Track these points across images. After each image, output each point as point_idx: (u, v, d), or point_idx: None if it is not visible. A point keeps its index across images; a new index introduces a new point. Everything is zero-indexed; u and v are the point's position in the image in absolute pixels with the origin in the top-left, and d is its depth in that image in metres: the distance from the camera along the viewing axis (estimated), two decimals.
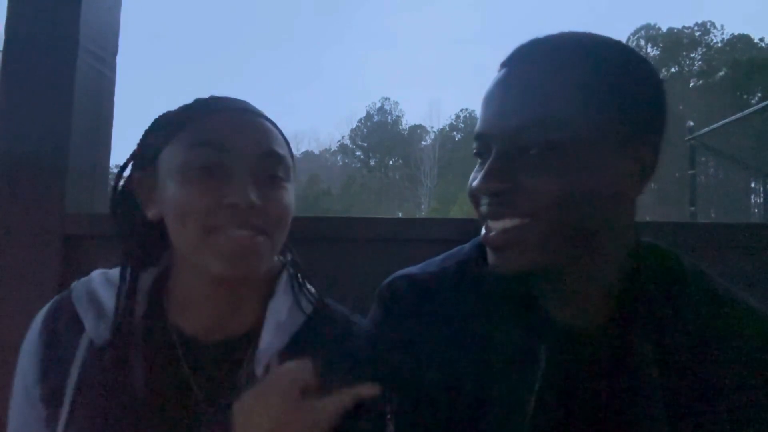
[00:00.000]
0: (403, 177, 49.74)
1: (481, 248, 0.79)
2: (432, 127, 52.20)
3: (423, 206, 44.43)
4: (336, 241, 1.16)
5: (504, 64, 0.68)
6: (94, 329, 0.72)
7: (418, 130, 52.97)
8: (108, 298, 0.74)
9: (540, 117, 0.60)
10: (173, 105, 0.76)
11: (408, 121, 55.01)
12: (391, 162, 52.31)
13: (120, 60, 1.33)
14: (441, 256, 0.82)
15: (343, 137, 55.18)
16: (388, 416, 0.73)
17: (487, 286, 0.74)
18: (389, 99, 54.84)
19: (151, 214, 0.74)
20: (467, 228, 1.10)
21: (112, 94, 1.33)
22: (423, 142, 51.22)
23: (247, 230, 0.68)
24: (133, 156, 0.76)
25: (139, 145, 0.76)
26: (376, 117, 54.18)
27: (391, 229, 1.15)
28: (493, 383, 0.68)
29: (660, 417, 0.63)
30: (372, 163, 52.82)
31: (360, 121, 54.66)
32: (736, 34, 39.89)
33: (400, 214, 40.15)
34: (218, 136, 0.70)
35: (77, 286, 0.77)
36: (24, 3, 1.20)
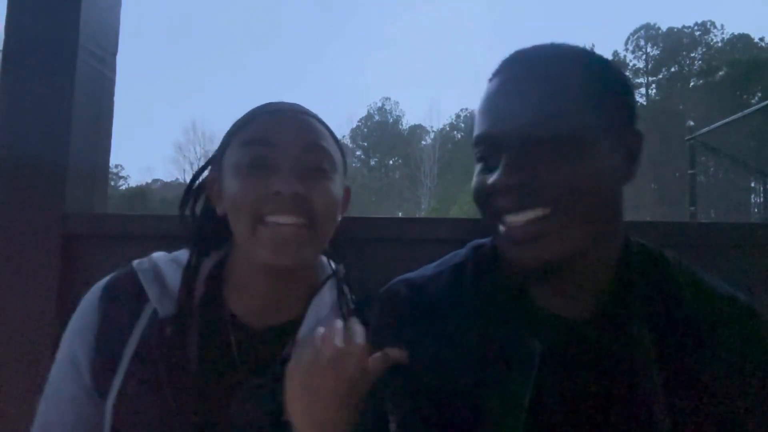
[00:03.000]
0: (403, 177, 49.74)
1: (477, 251, 0.80)
2: (432, 127, 52.23)
3: (423, 206, 44.42)
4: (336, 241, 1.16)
5: (498, 73, 0.71)
6: (159, 302, 0.77)
7: (418, 130, 52.97)
8: (172, 276, 0.80)
9: (550, 113, 0.64)
10: (173, 105, 0.78)
11: (408, 120, 55.12)
12: (391, 162, 52.33)
13: (120, 60, 1.33)
14: (436, 262, 0.84)
15: (343, 137, 55.13)
16: (390, 417, 0.74)
17: (481, 286, 0.75)
18: (389, 99, 54.92)
19: (219, 210, 0.82)
20: (467, 228, 1.10)
21: (112, 94, 1.33)
22: (423, 142, 51.21)
23: (292, 217, 0.73)
24: (210, 161, 0.85)
25: (215, 153, 0.85)
26: (376, 117, 54.21)
27: (391, 229, 1.15)
28: (489, 380, 0.69)
29: (659, 407, 0.65)
30: (372, 163, 52.83)
31: (360, 120, 54.72)
32: (736, 34, 39.92)
33: (400, 214, 40.16)
34: (265, 134, 0.77)
35: (142, 262, 0.82)
36: (24, 3, 1.20)
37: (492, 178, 0.65)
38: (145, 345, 0.76)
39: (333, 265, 0.91)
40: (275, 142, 0.76)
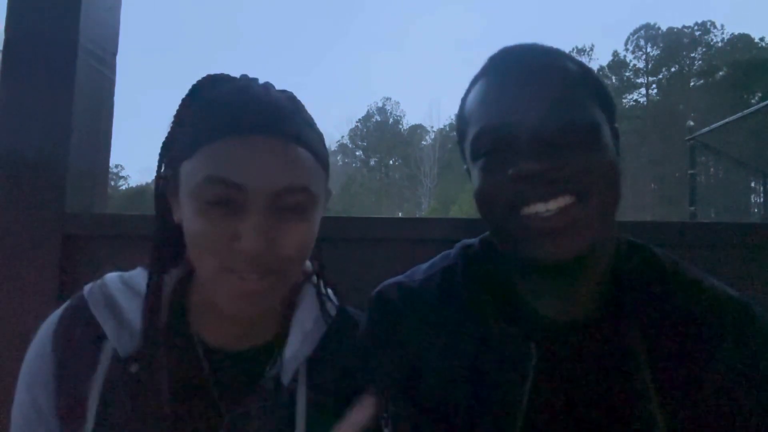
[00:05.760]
0: (403, 177, 49.73)
1: (466, 251, 0.79)
2: (432, 127, 52.18)
3: (423, 206, 44.40)
4: (336, 241, 1.16)
5: (492, 69, 0.71)
6: (118, 339, 0.69)
7: (418, 130, 52.93)
8: (128, 306, 0.71)
9: (569, 102, 0.65)
10: (173, 105, 0.74)
11: (408, 121, 55.10)
12: (391, 162, 52.31)
13: (120, 60, 1.33)
14: (426, 264, 0.83)
15: (342, 137, 55.19)
16: (385, 422, 0.74)
17: (474, 289, 0.75)
18: (390, 99, 54.95)
19: (176, 217, 0.71)
20: (467, 228, 1.10)
21: (112, 94, 1.33)
22: (423, 142, 51.16)
23: (257, 274, 0.64)
24: (164, 148, 0.71)
25: (168, 138, 0.71)
26: (376, 117, 54.19)
27: (391, 229, 1.15)
28: (485, 383, 0.69)
29: (653, 406, 0.64)
30: (372, 163, 52.81)
31: (359, 121, 54.69)
32: (736, 34, 39.83)
33: (400, 214, 40.13)
34: (233, 171, 0.63)
35: (93, 291, 0.73)
36: (24, 3, 1.21)
37: (516, 166, 0.62)
38: (111, 387, 0.68)
39: (310, 265, 0.82)
40: (244, 183, 0.62)
